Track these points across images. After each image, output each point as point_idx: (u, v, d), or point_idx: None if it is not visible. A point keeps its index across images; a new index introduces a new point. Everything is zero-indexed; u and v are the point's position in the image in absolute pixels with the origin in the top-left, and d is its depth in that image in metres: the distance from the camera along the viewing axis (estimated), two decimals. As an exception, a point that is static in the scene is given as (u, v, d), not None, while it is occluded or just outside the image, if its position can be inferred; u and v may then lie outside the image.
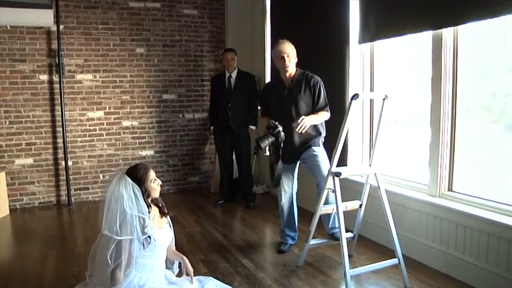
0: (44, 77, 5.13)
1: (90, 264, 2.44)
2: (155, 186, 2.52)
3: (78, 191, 5.40)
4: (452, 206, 3.06)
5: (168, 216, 2.70)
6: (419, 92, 3.62)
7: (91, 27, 5.26)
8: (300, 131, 3.27)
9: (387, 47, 3.87)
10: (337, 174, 2.89)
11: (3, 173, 4.98)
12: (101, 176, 5.50)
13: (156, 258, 2.51)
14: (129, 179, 2.39)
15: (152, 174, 2.52)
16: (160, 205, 2.65)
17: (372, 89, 4.00)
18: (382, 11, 3.65)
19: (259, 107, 5.47)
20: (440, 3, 3.06)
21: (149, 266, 2.47)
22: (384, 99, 2.97)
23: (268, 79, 5.71)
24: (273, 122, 3.37)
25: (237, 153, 5.19)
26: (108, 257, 2.27)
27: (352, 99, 2.81)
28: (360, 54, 4.05)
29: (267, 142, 3.37)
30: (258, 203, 5.22)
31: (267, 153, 3.76)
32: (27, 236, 4.35)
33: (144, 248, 2.42)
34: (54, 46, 5.08)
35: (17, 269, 3.46)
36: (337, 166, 2.95)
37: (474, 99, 3.24)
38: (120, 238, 2.28)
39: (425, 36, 3.30)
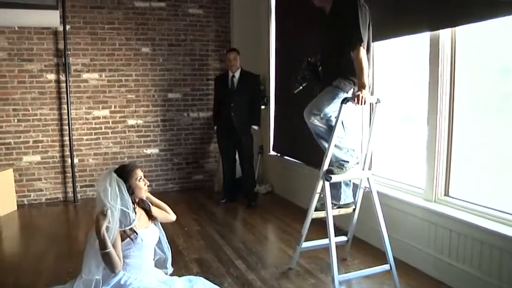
0: (51, 76, 5.23)
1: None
2: (140, 184, 2.57)
3: (83, 188, 5.50)
4: (447, 212, 2.99)
5: (156, 221, 2.73)
6: (418, 94, 3.55)
7: (97, 27, 5.33)
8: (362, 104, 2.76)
9: (388, 47, 3.81)
10: (328, 179, 2.87)
11: (11, 169, 5.11)
12: (106, 173, 5.56)
13: (143, 257, 2.55)
14: (115, 175, 2.47)
15: (138, 173, 2.58)
16: (148, 209, 2.69)
17: (371, 90, 3.94)
18: (379, 11, 3.58)
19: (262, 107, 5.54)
20: (437, 4, 2.99)
21: (137, 266, 2.52)
22: (376, 103, 2.92)
23: (272, 78, 5.71)
24: (310, 59, 3.03)
25: (239, 153, 5.19)
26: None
27: (342, 103, 2.78)
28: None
29: (297, 86, 3.10)
30: (261, 203, 5.23)
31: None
32: (31, 231, 4.47)
33: (131, 246, 2.48)
34: (61, 46, 5.17)
35: (16, 264, 3.55)
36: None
37: (473, 102, 3.17)
38: None
39: (425, 37, 3.24)
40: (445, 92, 3.11)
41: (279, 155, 5.68)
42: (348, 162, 2.96)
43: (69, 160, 5.36)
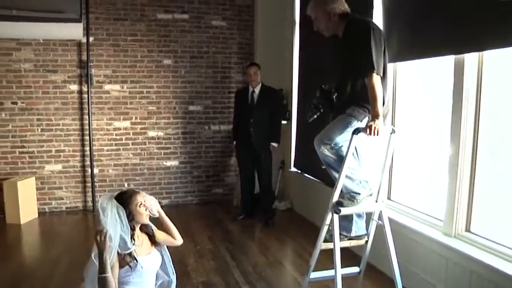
0: (74, 87, 5.31)
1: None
2: (141, 210, 2.50)
3: (103, 198, 5.53)
4: (467, 251, 2.75)
5: (160, 246, 2.66)
6: (441, 118, 3.33)
7: (120, 38, 5.37)
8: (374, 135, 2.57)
9: (413, 68, 3.60)
10: (337, 211, 2.71)
11: (33, 178, 5.21)
12: (125, 184, 5.60)
13: (143, 284, 2.48)
14: (115, 201, 2.42)
15: (139, 198, 2.52)
16: (151, 234, 2.63)
17: (393, 112, 3.75)
18: (404, 30, 3.40)
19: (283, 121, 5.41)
20: (463, 27, 2.78)
21: (136, 292, 2.45)
22: (391, 133, 2.74)
23: (295, 92, 5.58)
24: (324, 86, 2.88)
25: (258, 170, 5.08)
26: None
27: (353, 134, 2.61)
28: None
29: (310, 115, 2.94)
30: (279, 220, 5.10)
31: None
32: (50, 239, 4.59)
33: (131, 273, 2.42)
34: (84, 57, 5.25)
35: (30, 272, 3.67)
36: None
37: (499, 131, 2.93)
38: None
39: (450, 60, 3.03)
40: (469, 118, 2.88)
41: (299, 171, 5.53)
42: (360, 194, 2.79)
43: (90, 170, 5.42)
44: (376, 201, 2.88)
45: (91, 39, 5.21)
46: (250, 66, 4.95)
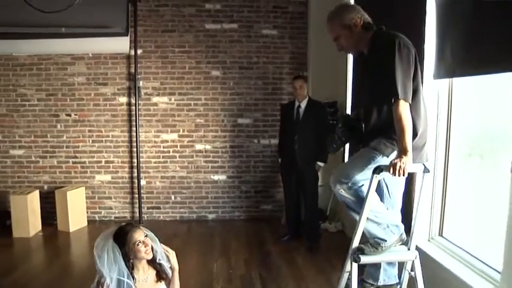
0: (123, 99, 5.37)
1: None
2: (139, 248, 2.38)
3: (150, 210, 5.54)
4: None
5: (166, 281, 2.50)
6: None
7: (168, 50, 5.34)
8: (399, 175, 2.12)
9: (470, 84, 3.03)
10: (356, 259, 2.30)
11: (83, 188, 5.36)
12: (172, 197, 5.55)
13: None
14: (111, 241, 2.34)
15: (136, 236, 2.40)
16: (159, 269, 2.48)
17: (448, 134, 3.19)
18: (460, 41, 2.85)
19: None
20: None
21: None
22: (423, 172, 2.27)
23: (349, 104, 5.11)
24: (350, 113, 2.67)
25: (302, 190, 4.71)
26: None
27: (373, 173, 2.18)
28: (435, 91, 3.26)
29: (334, 147, 2.62)
30: (326, 243, 4.70)
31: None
32: (91, 249, 4.62)
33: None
34: (133, 70, 5.27)
35: (65, 280, 3.78)
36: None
37: None
38: None
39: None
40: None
41: (352, 192, 5.05)
42: (386, 241, 2.35)
43: (137, 181, 5.44)
44: (409, 249, 2.41)
45: (139, 51, 5.23)
46: (296, 79, 4.60)
